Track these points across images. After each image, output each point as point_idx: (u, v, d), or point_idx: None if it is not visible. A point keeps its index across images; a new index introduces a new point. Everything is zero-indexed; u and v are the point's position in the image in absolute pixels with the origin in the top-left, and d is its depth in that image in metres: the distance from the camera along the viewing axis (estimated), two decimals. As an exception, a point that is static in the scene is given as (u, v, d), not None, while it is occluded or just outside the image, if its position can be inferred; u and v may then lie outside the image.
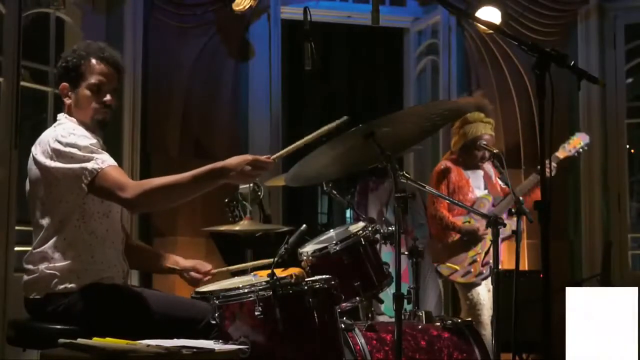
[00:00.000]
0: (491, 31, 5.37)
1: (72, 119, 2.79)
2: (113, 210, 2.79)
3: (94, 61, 2.78)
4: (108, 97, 2.79)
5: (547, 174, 2.31)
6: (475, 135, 4.50)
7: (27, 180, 2.79)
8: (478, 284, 4.44)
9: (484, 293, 4.41)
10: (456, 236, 4.44)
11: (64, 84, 2.81)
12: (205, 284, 2.93)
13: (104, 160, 2.63)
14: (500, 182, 4.59)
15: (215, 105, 5.54)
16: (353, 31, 7.83)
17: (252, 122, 5.66)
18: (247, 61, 5.66)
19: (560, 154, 4.59)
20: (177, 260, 3.01)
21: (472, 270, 4.42)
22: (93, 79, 2.77)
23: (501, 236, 3.28)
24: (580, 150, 4.65)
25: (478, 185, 4.58)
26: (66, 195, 2.67)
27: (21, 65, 4.53)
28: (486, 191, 4.58)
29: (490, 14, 5.59)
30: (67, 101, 2.81)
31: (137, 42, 5.23)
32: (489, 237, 4.39)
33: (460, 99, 5.00)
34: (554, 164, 4.50)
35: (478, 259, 4.43)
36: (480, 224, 4.41)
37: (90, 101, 2.77)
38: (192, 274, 2.96)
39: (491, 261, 4.34)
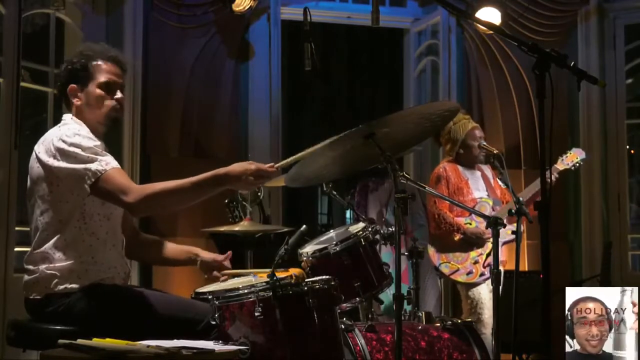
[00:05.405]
0: (491, 32, 5.37)
1: (78, 120, 2.79)
2: (114, 213, 2.79)
3: (101, 61, 2.80)
4: (119, 94, 2.82)
5: (548, 184, 2.31)
6: (466, 130, 4.52)
7: (28, 178, 2.78)
8: (480, 284, 4.43)
9: (486, 292, 4.40)
10: (457, 236, 4.44)
11: (72, 85, 2.81)
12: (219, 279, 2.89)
13: (107, 162, 2.63)
14: (500, 182, 4.59)
15: (215, 105, 5.54)
16: (353, 31, 7.84)
17: (252, 122, 5.66)
18: (247, 61, 5.67)
19: (559, 165, 4.60)
20: (197, 252, 3.00)
21: (474, 270, 4.41)
22: (103, 78, 2.79)
23: (502, 240, 3.27)
24: (577, 164, 4.65)
25: (477, 187, 4.57)
26: (67, 195, 2.67)
27: (21, 65, 4.53)
28: (486, 193, 4.57)
29: (490, 15, 5.60)
30: (77, 102, 2.81)
31: (137, 42, 5.23)
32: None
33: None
34: (555, 175, 4.51)
35: (480, 260, 4.42)
36: (482, 226, 4.40)
37: (103, 99, 2.79)
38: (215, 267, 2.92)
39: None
